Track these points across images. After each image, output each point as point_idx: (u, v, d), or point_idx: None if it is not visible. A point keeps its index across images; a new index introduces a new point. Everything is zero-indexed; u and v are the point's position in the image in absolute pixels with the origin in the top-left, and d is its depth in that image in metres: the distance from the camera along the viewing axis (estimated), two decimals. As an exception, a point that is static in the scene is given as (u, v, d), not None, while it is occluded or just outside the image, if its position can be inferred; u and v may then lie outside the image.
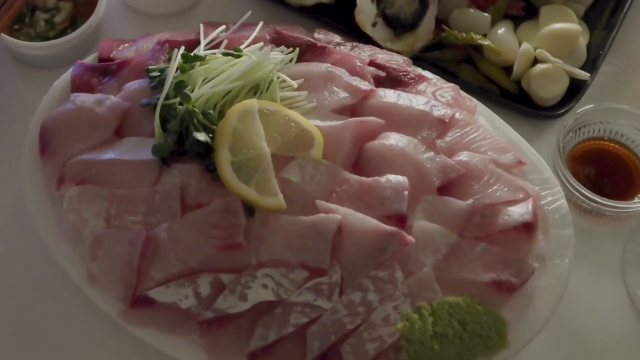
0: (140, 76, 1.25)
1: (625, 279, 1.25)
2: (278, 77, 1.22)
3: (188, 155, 1.16)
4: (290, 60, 1.27)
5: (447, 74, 1.36)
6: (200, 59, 1.22)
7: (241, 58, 1.22)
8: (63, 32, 1.41)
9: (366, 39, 1.38)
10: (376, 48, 1.33)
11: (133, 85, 1.24)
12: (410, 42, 1.39)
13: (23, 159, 1.23)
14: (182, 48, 1.23)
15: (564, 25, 1.38)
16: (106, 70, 1.28)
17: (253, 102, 1.16)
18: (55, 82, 1.29)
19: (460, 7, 1.42)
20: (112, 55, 1.31)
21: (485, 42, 1.36)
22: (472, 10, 1.41)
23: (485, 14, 1.41)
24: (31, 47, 1.38)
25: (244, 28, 1.31)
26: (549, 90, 1.34)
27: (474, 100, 1.28)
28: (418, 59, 1.37)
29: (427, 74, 1.30)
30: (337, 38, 1.34)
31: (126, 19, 1.50)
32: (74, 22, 1.43)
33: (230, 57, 1.23)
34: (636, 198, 1.25)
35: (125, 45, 1.33)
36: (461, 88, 1.30)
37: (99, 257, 1.13)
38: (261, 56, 1.21)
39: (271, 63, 1.22)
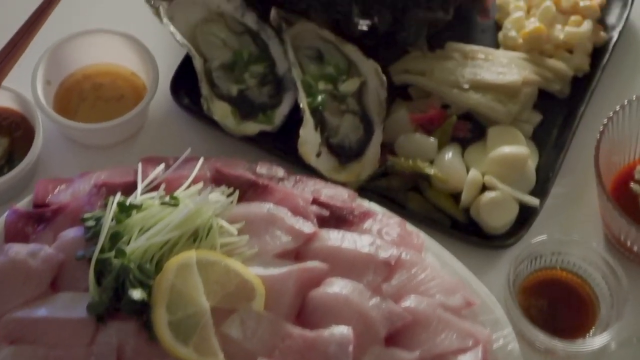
0: (76, 223, 1.21)
1: (581, 419, 1.21)
2: (217, 223, 1.19)
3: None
4: (231, 203, 1.23)
5: (395, 204, 1.33)
6: (137, 207, 1.19)
7: (178, 207, 1.18)
8: (-1, 170, 1.36)
9: (311, 169, 1.35)
10: (320, 182, 1.30)
11: (68, 234, 1.20)
12: (356, 171, 1.36)
13: (-46, 316, 1.18)
14: (118, 195, 1.19)
15: (512, 149, 1.35)
16: (41, 218, 1.24)
17: (191, 255, 1.12)
18: (-11, 230, 1.25)
19: (406, 132, 1.39)
20: (47, 200, 1.27)
21: (432, 172, 1.33)
22: (418, 135, 1.38)
23: (432, 139, 1.37)
24: (-36, 189, 1.34)
25: (184, 165, 1.28)
26: (498, 218, 1.31)
27: (422, 236, 1.25)
28: (364, 189, 1.34)
29: (373, 206, 1.28)
30: (280, 172, 1.30)
31: (67, 149, 1.45)
32: (10, 159, 1.38)
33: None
34: (588, 335, 1.22)
35: (62, 187, 1.29)
36: (409, 218, 1.27)
37: None
38: (199, 203, 1.18)
39: (210, 209, 1.19)
